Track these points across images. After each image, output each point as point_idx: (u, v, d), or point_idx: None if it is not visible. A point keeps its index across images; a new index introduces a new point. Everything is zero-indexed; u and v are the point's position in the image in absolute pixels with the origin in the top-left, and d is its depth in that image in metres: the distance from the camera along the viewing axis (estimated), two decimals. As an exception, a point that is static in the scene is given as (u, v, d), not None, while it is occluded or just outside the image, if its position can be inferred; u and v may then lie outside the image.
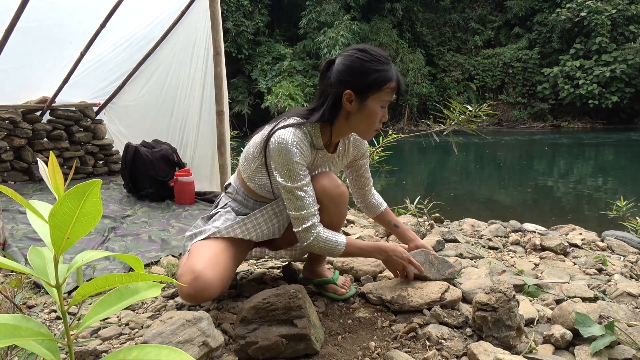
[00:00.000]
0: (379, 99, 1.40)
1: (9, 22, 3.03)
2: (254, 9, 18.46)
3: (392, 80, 1.40)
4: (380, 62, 1.39)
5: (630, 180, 7.99)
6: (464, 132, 3.30)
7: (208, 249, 1.44)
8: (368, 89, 1.39)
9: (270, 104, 16.84)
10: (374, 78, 1.38)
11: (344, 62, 1.40)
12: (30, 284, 1.89)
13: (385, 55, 1.43)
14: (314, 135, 1.47)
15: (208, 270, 1.36)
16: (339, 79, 1.40)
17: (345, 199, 1.53)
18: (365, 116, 1.42)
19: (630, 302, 1.69)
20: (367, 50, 1.40)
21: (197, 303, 1.53)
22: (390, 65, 1.42)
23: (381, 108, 1.43)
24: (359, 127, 1.46)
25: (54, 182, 0.74)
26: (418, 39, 21.38)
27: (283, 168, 1.39)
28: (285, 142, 1.38)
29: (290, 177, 1.39)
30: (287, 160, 1.38)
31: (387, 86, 1.40)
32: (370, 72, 1.38)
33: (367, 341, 1.34)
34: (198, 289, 1.34)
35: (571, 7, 18.92)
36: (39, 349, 0.71)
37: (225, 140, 3.64)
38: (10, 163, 3.99)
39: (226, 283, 1.43)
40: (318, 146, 1.49)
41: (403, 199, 3.19)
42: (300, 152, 1.40)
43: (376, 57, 1.40)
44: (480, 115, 3.02)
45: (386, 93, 1.41)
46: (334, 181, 1.50)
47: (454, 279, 1.65)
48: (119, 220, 3.00)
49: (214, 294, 1.38)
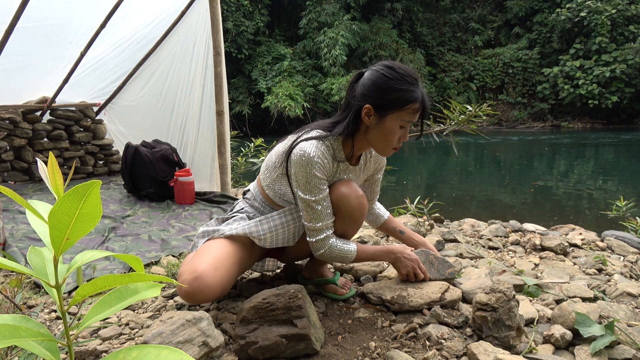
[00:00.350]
0: (399, 118, 1.38)
1: (9, 22, 3.03)
2: (254, 9, 18.46)
3: (416, 102, 1.37)
4: (405, 81, 1.36)
5: (630, 180, 7.99)
6: (464, 132, 3.30)
7: (215, 251, 1.45)
8: (388, 106, 1.37)
9: (270, 104, 16.83)
10: (396, 97, 1.36)
11: (370, 77, 1.40)
12: (31, 284, 1.89)
13: (414, 74, 1.39)
14: (336, 148, 1.48)
15: (210, 272, 1.36)
16: (362, 92, 1.41)
17: (364, 210, 1.51)
18: (382, 133, 1.41)
19: (630, 302, 1.69)
20: (394, 68, 1.38)
21: (193, 303, 1.53)
22: (416, 85, 1.38)
23: (400, 128, 1.40)
24: (376, 143, 1.45)
25: (53, 183, 0.74)
26: (418, 39, 21.37)
27: (303, 180, 1.41)
28: (307, 155, 1.38)
29: (309, 191, 1.41)
30: (308, 173, 1.39)
31: (409, 107, 1.37)
32: (392, 90, 1.36)
33: (367, 341, 1.34)
34: (197, 290, 1.34)
35: (571, 7, 18.92)
36: (39, 349, 0.72)
37: (225, 140, 3.64)
38: (11, 163, 3.99)
39: (226, 287, 1.42)
40: (340, 159, 1.49)
41: (403, 199, 3.19)
42: (322, 165, 1.41)
43: (402, 75, 1.37)
44: (480, 115, 3.02)
45: (407, 114, 1.38)
46: (356, 191, 1.48)
47: (454, 279, 1.66)
48: (119, 220, 3.00)
49: (212, 296, 1.38)
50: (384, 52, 18.87)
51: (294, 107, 16.57)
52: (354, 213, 1.48)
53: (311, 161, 1.38)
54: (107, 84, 4.35)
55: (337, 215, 1.49)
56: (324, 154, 1.42)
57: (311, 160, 1.38)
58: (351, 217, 1.49)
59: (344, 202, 1.46)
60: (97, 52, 4.00)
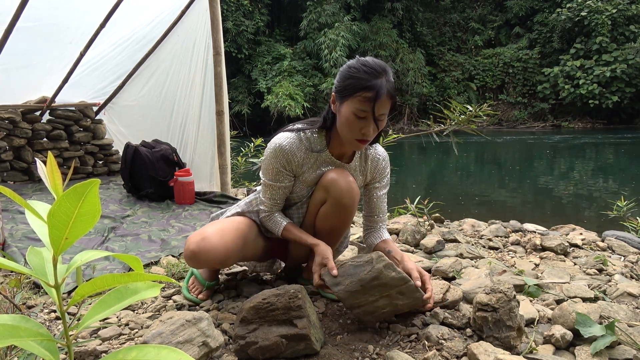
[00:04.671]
0: (353, 106, 1.36)
1: (9, 22, 3.02)
2: (254, 8, 18.45)
3: (367, 90, 1.33)
4: (364, 71, 1.34)
5: (631, 180, 7.98)
6: (464, 132, 3.30)
7: (223, 223, 1.57)
8: (343, 92, 1.39)
9: (270, 103, 16.83)
10: (349, 83, 1.37)
11: (340, 68, 1.45)
12: (30, 284, 1.88)
13: (380, 68, 1.36)
14: (314, 139, 1.52)
15: (216, 236, 1.47)
16: (334, 82, 1.46)
17: (354, 195, 1.48)
18: (341, 120, 1.42)
19: (630, 302, 1.69)
20: (360, 59, 1.40)
21: (198, 265, 1.53)
22: (377, 77, 1.34)
23: (357, 118, 1.37)
24: (340, 132, 1.45)
25: (52, 182, 0.73)
26: (418, 39, 21.37)
27: (266, 162, 1.53)
28: (278, 143, 1.49)
29: (266, 172, 1.54)
30: (272, 159, 1.50)
31: (360, 94, 1.34)
32: (347, 77, 1.38)
33: (367, 341, 1.34)
34: (202, 249, 1.43)
35: (571, 6, 18.91)
36: (38, 349, 0.71)
37: (225, 140, 3.64)
38: (10, 163, 3.99)
39: (229, 256, 1.50)
40: (315, 150, 1.53)
41: (403, 199, 3.19)
42: (290, 155, 1.49)
43: (363, 65, 1.36)
44: (480, 115, 3.02)
45: (359, 101, 1.35)
46: (346, 176, 1.48)
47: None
48: (118, 220, 2.99)
49: (215, 259, 1.46)
50: (384, 52, 18.87)
51: (294, 107, 16.57)
52: (343, 196, 1.47)
53: (279, 149, 1.49)
54: (107, 84, 4.35)
55: (327, 200, 1.51)
56: (296, 144, 1.50)
57: (279, 149, 1.49)
58: (340, 201, 1.48)
59: (333, 185, 1.48)
60: (97, 52, 3.99)
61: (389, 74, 1.38)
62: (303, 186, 1.57)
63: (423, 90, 19.78)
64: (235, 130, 5.71)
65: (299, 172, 1.54)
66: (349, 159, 1.59)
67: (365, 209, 1.69)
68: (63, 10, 3.55)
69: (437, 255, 2.20)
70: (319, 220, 1.57)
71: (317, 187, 1.55)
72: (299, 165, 1.52)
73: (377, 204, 1.66)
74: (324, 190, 1.51)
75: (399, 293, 1.33)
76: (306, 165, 1.53)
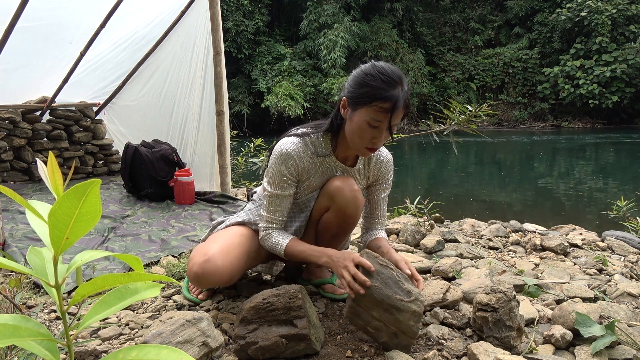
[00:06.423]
0: (367, 115, 1.32)
1: (9, 22, 3.02)
2: (254, 8, 18.45)
3: (385, 101, 1.29)
4: (379, 79, 1.30)
5: (631, 180, 7.98)
6: (464, 132, 3.30)
7: (226, 238, 1.52)
8: (358, 100, 1.34)
9: (270, 103, 16.83)
10: (365, 92, 1.32)
11: (353, 72, 1.41)
12: (30, 284, 1.88)
13: (396, 77, 1.32)
14: (320, 144, 1.49)
15: (220, 256, 1.42)
16: (345, 85, 1.42)
17: (358, 204, 1.47)
18: (352, 128, 1.38)
19: (630, 302, 1.69)
20: (376, 65, 1.35)
21: (202, 286, 1.54)
22: (392, 86, 1.30)
23: (370, 126, 1.33)
24: (350, 138, 1.41)
25: (53, 182, 0.73)
26: (418, 39, 21.36)
27: (271, 171, 1.47)
28: (283, 149, 1.45)
29: (271, 182, 1.48)
30: (277, 166, 1.45)
31: (377, 104, 1.30)
32: (364, 84, 1.33)
33: (367, 341, 1.34)
34: (207, 272, 1.40)
35: (571, 7, 18.91)
36: (39, 349, 0.71)
37: (225, 140, 3.64)
38: (10, 163, 3.99)
39: (234, 274, 1.47)
40: (321, 154, 1.50)
41: (403, 199, 3.19)
42: (296, 160, 1.45)
43: (379, 72, 1.31)
44: (480, 115, 3.02)
45: (374, 111, 1.31)
46: (351, 185, 1.47)
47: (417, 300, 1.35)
48: (118, 220, 2.99)
49: (220, 279, 1.43)
50: (384, 52, 18.87)
51: (294, 107, 16.57)
52: (348, 206, 1.47)
53: (285, 155, 1.44)
54: (107, 84, 4.35)
55: (331, 208, 1.50)
56: (302, 149, 1.46)
57: (285, 155, 1.44)
58: (345, 211, 1.48)
59: (338, 193, 1.46)
60: (97, 52, 3.99)
61: (405, 83, 1.34)
62: (307, 191, 1.55)
63: (423, 90, 19.78)
64: (235, 130, 5.71)
65: (304, 177, 1.51)
66: (353, 162, 1.57)
67: (365, 210, 1.68)
68: (63, 10, 3.55)
69: (437, 255, 2.20)
70: (322, 227, 1.56)
71: (321, 192, 1.53)
72: (304, 170, 1.49)
73: (378, 206, 1.65)
74: (328, 198, 1.49)
75: (396, 323, 1.25)
76: (312, 170, 1.51)
